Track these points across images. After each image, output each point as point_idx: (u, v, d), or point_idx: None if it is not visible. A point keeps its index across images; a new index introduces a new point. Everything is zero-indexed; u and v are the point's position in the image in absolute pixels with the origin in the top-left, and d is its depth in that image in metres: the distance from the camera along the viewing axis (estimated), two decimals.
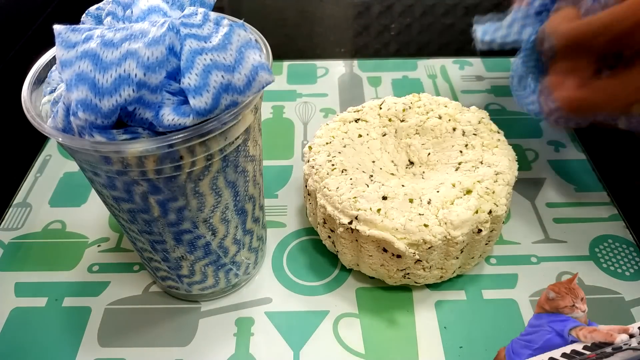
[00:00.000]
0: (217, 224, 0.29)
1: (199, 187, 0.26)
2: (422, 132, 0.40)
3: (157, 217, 0.27)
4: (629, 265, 0.38)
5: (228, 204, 0.28)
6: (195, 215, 0.27)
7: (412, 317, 0.35)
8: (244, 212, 0.31)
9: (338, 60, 0.61)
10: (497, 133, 0.38)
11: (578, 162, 0.46)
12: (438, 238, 0.32)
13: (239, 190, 0.29)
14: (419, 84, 0.56)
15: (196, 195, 0.26)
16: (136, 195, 0.26)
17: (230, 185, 0.28)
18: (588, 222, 0.41)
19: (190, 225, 0.28)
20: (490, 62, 0.60)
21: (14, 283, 0.38)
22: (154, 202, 0.26)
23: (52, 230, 0.42)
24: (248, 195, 0.30)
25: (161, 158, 0.23)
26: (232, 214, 0.29)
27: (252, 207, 0.32)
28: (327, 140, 0.38)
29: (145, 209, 0.27)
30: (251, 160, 0.29)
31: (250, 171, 0.29)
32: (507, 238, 0.40)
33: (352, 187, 0.34)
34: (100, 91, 0.21)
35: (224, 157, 0.26)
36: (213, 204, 0.27)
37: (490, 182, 0.34)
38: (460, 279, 0.37)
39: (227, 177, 0.27)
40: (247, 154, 0.28)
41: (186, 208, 0.27)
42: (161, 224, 0.28)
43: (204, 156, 0.25)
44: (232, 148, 0.26)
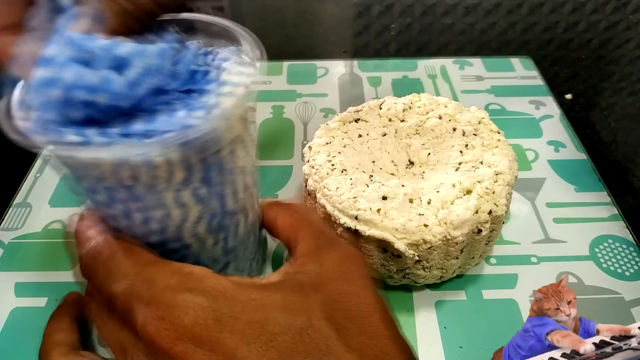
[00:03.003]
0: (189, 239, 0.26)
1: (180, 196, 0.24)
2: (422, 132, 0.40)
3: (126, 227, 0.25)
4: (629, 265, 0.38)
5: (199, 219, 0.25)
6: (179, 225, 0.25)
7: (412, 317, 0.35)
8: (224, 228, 0.27)
9: (338, 60, 0.60)
10: (497, 133, 0.38)
11: (578, 162, 0.46)
12: (438, 238, 0.32)
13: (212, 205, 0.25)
14: (419, 84, 0.56)
15: (178, 204, 0.24)
16: (117, 203, 0.24)
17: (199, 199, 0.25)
18: (588, 222, 0.41)
19: (160, 238, 0.25)
20: (490, 62, 0.60)
21: (14, 283, 0.38)
22: (133, 209, 0.24)
23: (52, 230, 0.42)
24: (228, 210, 0.27)
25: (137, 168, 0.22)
26: (205, 231, 0.26)
27: (236, 223, 0.28)
28: (327, 140, 0.38)
29: (125, 213, 0.25)
30: (229, 173, 0.26)
31: (228, 185, 0.26)
32: (507, 238, 0.40)
33: (352, 187, 0.34)
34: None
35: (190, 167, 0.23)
36: (181, 218, 0.25)
37: (490, 182, 0.34)
38: (460, 279, 0.37)
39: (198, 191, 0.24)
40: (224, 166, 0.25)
41: (168, 218, 0.25)
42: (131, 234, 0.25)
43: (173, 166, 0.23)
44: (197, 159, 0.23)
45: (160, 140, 0.22)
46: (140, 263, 0.23)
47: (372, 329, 0.22)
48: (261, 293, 0.22)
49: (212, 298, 0.21)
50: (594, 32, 0.66)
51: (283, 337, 0.21)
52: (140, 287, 0.22)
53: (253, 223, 0.29)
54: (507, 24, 0.68)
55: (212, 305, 0.21)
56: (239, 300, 0.22)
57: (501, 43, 0.65)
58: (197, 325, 0.21)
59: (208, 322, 0.21)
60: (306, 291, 0.23)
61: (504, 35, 0.66)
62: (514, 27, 0.68)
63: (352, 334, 0.22)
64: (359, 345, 0.21)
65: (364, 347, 0.21)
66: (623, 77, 0.59)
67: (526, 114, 0.52)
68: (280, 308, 0.21)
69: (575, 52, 0.63)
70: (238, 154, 0.26)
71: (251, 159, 0.28)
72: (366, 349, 0.21)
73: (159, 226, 0.25)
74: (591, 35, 0.66)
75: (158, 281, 0.22)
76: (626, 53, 0.63)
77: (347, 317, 0.22)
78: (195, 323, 0.21)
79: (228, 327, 0.21)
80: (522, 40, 0.65)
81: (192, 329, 0.21)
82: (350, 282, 0.24)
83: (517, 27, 0.68)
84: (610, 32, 0.67)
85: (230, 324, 0.21)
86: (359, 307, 0.23)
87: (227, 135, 0.24)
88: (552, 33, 0.66)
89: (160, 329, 0.21)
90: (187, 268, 0.23)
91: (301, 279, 0.23)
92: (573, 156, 0.47)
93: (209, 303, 0.21)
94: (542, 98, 0.54)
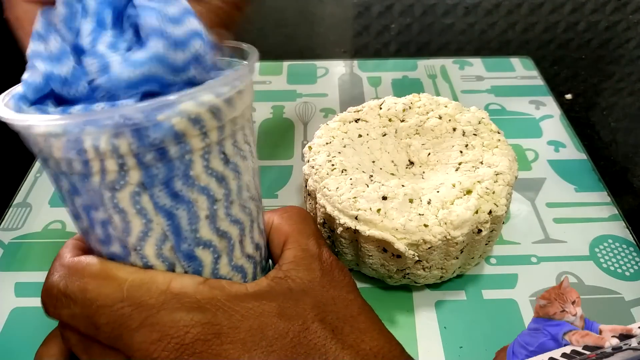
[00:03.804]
0: (153, 260, 0.22)
1: (117, 200, 0.21)
2: (422, 132, 0.40)
3: (87, 227, 0.22)
4: (629, 265, 0.38)
5: (166, 237, 0.22)
6: (122, 237, 0.22)
7: (412, 317, 0.35)
8: (194, 257, 0.22)
9: (338, 60, 0.60)
10: (497, 133, 0.38)
11: (578, 162, 0.46)
12: (438, 238, 0.32)
13: (179, 224, 0.21)
14: (419, 84, 0.56)
15: (117, 210, 0.21)
16: (64, 194, 0.22)
17: (163, 211, 0.21)
18: (588, 222, 0.41)
19: (120, 248, 0.22)
20: (490, 62, 0.60)
21: (14, 283, 0.38)
22: (78, 206, 0.22)
23: (52, 230, 0.42)
24: (200, 238, 0.22)
25: (66, 146, 0.20)
26: (173, 254, 0.22)
27: (214, 252, 0.23)
28: (327, 140, 0.38)
29: (75, 214, 0.22)
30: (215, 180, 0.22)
31: (203, 202, 0.22)
32: (507, 238, 0.40)
33: (352, 187, 0.34)
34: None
35: (145, 166, 0.20)
36: (141, 229, 0.21)
37: (490, 182, 0.34)
38: (460, 279, 0.37)
39: (157, 198, 0.21)
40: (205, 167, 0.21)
41: (109, 223, 0.21)
42: (93, 238, 0.23)
43: (113, 159, 0.20)
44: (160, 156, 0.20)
45: (98, 112, 0.19)
46: (121, 287, 0.21)
47: (364, 327, 0.24)
48: (256, 301, 0.22)
49: (210, 313, 0.21)
50: (594, 32, 0.66)
51: (282, 341, 0.21)
52: (129, 313, 0.21)
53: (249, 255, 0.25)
54: (507, 24, 0.68)
55: (211, 321, 0.21)
56: (236, 311, 0.22)
57: (501, 43, 0.65)
58: (198, 342, 0.21)
59: (208, 337, 0.21)
60: (297, 296, 0.23)
61: (504, 35, 0.66)
62: (514, 27, 0.68)
63: (345, 332, 0.23)
64: (353, 342, 0.23)
65: (358, 343, 0.23)
66: (623, 77, 0.59)
67: (526, 114, 0.52)
68: (276, 314, 0.22)
69: (575, 52, 0.63)
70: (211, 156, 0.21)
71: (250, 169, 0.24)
72: (361, 344, 0.23)
73: (102, 234, 0.22)
74: (591, 35, 0.66)
75: (146, 303, 0.21)
76: (626, 53, 0.63)
77: (338, 318, 0.23)
78: (195, 340, 0.21)
79: (229, 338, 0.21)
80: (522, 40, 0.65)
81: (193, 346, 0.20)
82: (337, 288, 0.25)
83: (517, 27, 0.68)
84: (610, 32, 0.67)
85: (231, 335, 0.21)
86: (347, 309, 0.24)
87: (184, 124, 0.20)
88: (552, 33, 0.66)
89: (160, 350, 0.20)
90: (175, 283, 0.22)
91: (290, 284, 0.24)
92: (573, 156, 0.47)
93: (207, 319, 0.21)
94: (542, 98, 0.54)
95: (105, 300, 0.21)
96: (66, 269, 0.22)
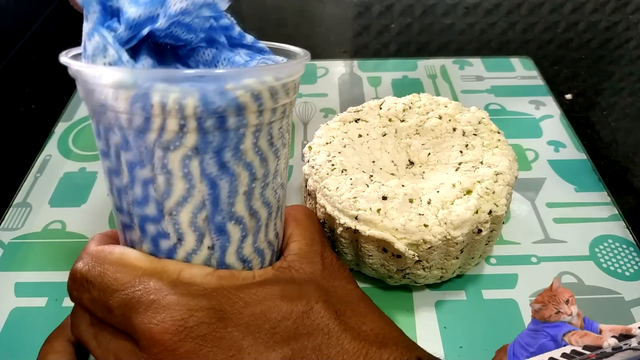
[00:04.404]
0: (185, 228, 0.23)
1: (167, 160, 0.21)
2: (422, 132, 0.40)
3: (126, 185, 0.23)
4: (629, 265, 0.38)
5: (204, 205, 0.22)
6: (160, 199, 0.22)
7: (412, 317, 0.35)
8: (224, 232, 0.23)
9: (338, 60, 0.60)
10: (497, 133, 0.38)
11: (578, 162, 0.46)
12: (438, 238, 0.32)
13: (219, 195, 0.22)
14: (419, 84, 0.56)
15: (164, 170, 0.21)
16: (111, 148, 0.22)
17: (207, 179, 0.22)
18: (588, 222, 0.41)
19: (155, 211, 0.22)
20: (490, 62, 0.60)
21: (14, 283, 0.38)
22: (123, 162, 0.22)
23: (52, 230, 0.42)
24: (234, 213, 0.23)
25: (133, 99, 0.20)
26: (206, 224, 0.23)
27: (242, 230, 0.24)
28: (327, 140, 0.38)
29: (116, 170, 0.23)
30: (259, 159, 0.23)
31: (244, 177, 0.23)
32: (507, 238, 0.40)
33: (352, 187, 0.34)
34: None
35: (203, 132, 0.21)
36: (182, 194, 0.22)
37: (490, 183, 0.34)
38: (460, 279, 0.37)
39: (206, 165, 0.21)
40: (254, 144, 0.22)
41: (152, 183, 0.22)
42: (129, 197, 0.23)
43: (176, 118, 0.20)
44: (219, 124, 0.21)
45: (178, 74, 0.20)
46: (135, 273, 0.23)
47: (364, 311, 0.25)
48: (260, 287, 0.23)
49: (215, 300, 0.22)
50: (594, 32, 0.66)
51: (285, 322, 0.22)
52: (138, 297, 0.22)
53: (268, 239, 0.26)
54: (507, 24, 0.68)
55: (214, 306, 0.22)
56: (240, 298, 0.22)
57: (501, 43, 0.65)
58: (203, 325, 0.21)
59: (212, 321, 0.21)
60: (300, 282, 0.24)
61: (504, 35, 0.66)
62: (514, 27, 0.68)
63: (347, 314, 0.24)
64: (355, 324, 0.24)
65: (360, 325, 0.24)
66: (623, 77, 0.59)
67: (526, 114, 0.52)
68: (279, 296, 0.23)
69: (575, 52, 0.63)
70: (261, 134, 0.23)
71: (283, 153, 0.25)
72: (362, 326, 0.24)
73: (141, 193, 0.22)
74: (591, 35, 0.66)
75: (156, 289, 0.22)
76: (626, 53, 0.63)
77: (340, 302, 0.24)
78: (200, 323, 0.21)
79: (232, 322, 0.22)
80: (522, 40, 0.65)
81: (197, 329, 0.21)
82: (337, 279, 0.26)
83: (517, 27, 0.68)
84: (610, 32, 0.67)
85: (234, 320, 0.22)
86: (347, 296, 0.25)
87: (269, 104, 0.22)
88: (552, 33, 0.66)
89: (163, 332, 0.21)
90: (185, 272, 0.23)
91: (293, 274, 0.25)
92: (573, 156, 0.47)
93: (211, 305, 0.22)
94: (542, 98, 0.54)
95: (119, 285, 0.22)
96: (90, 257, 0.24)
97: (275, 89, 0.22)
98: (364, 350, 0.22)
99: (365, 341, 0.23)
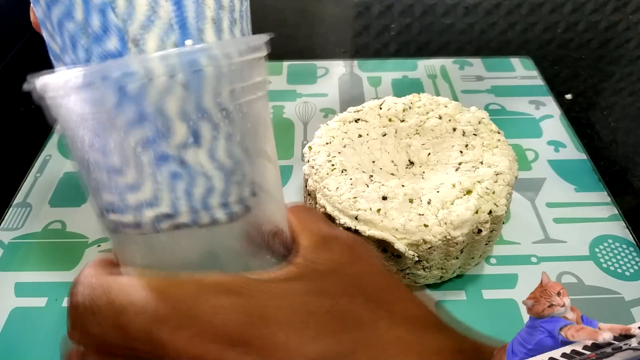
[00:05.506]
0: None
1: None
2: (422, 132, 0.40)
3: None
4: (629, 265, 0.38)
5: (170, 29, 0.20)
6: (121, 27, 0.20)
7: None
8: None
9: (338, 60, 0.60)
10: (497, 133, 0.38)
11: (578, 162, 0.46)
12: (438, 238, 0.32)
13: (186, 16, 0.20)
14: (419, 84, 0.56)
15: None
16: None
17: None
18: (588, 222, 0.41)
19: (117, 43, 0.20)
20: (490, 62, 0.60)
21: (14, 283, 0.38)
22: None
23: (52, 230, 0.42)
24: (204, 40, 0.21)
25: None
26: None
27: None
28: (327, 140, 0.38)
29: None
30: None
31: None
32: (507, 238, 0.40)
33: (352, 187, 0.34)
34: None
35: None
36: (146, 13, 0.20)
37: (490, 183, 0.34)
38: (460, 279, 0.37)
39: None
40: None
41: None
42: (83, 41, 0.20)
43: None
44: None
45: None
46: (148, 291, 0.20)
47: (394, 298, 0.24)
48: (284, 283, 0.22)
49: (246, 296, 0.21)
50: (594, 32, 0.66)
51: (315, 317, 0.21)
52: (162, 313, 0.20)
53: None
54: (507, 24, 0.68)
55: (242, 302, 0.20)
56: (266, 292, 0.21)
57: (501, 43, 0.65)
58: (230, 323, 0.20)
59: (241, 319, 0.20)
60: (323, 275, 0.23)
61: (504, 35, 0.66)
62: (514, 27, 0.68)
63: (378, 303, 0.23)
64: (386, 313, 0.22)
65: (391, 313, 0.23)
66: (623, 77, 0.59)
67: (526, 114, 0.52)
68: (305, 292, 0.22)
69: (575, 52, 0.63)
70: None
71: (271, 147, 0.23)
72: (395, 313, 0.23)
73: (99, 23, 0.19)
74: (591, 35, 0.66)
75: (179, 297, 0.20)
76: (626, 53, 0.63)
77: (368, 292, 0.23)
78: (227, 321, 0.20)
79: (272, 319, 0.20)
80: (522, 40, 0.65)
81: (225, 329, 0.20)
82: (361, 263, 0.24)
83: (517, 27, 0.68)
84: (610, 32, 0.67)
85: (273, 317, 0.20)
86: (375, 283, 0.24)
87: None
88: (552, 33, 0.66)
89: (189, 338, 0.19)
90: (207, 280, 0.21)
91: (316, 267, 0.23)
92: (573, 156, 0.47)
93: (238, 301, 0.20)
94: (542, 98, 0.54)
95: (136, 307, 0.20)
96: (89, 287, 0.22)
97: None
98: (420, 339, 0.22)
99: (417, 325, 0.22)
